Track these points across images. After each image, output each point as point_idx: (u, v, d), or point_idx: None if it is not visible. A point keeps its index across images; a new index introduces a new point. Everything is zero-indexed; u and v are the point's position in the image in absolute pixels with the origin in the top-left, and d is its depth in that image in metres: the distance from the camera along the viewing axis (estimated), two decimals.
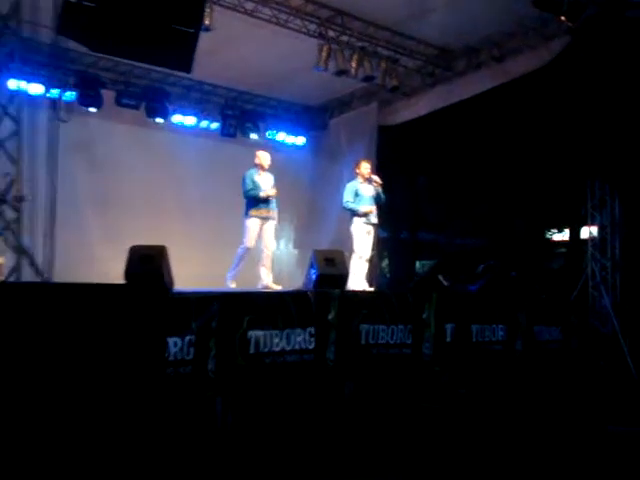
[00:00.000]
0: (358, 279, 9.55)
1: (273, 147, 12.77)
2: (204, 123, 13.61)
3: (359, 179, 9.82)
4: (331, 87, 13.01)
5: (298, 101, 14.38)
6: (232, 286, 9.36)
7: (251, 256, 9.66)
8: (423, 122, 13.72)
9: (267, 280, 9.57)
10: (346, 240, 9.91)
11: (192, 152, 12.93)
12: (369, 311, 7.99)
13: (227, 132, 13.74)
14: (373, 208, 9.67)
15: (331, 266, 8.04)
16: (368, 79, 11.78)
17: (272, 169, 9.98)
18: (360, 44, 11.46)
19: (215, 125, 13.74)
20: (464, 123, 14.68)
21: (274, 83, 12.91)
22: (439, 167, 15.60)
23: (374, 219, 9.78)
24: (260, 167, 9.78)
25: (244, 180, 9.65)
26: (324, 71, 11.23)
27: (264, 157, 9.86)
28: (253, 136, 13.81)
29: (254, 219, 9.56)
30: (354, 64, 11.37)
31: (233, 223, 10.28)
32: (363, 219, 9.66)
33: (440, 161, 15.45)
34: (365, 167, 9.88)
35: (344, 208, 9.73)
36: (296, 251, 14.14)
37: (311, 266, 8.12)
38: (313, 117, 14.81)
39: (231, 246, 9.91)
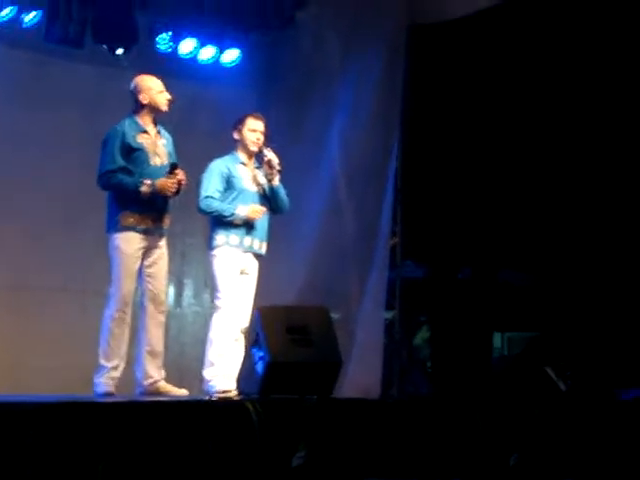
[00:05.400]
0: (222, 372, 5.73)
1: (169, 72, 7.13)
2: (6, 12, 6.65)
3: (239, 153, 6.11)
4: None
5: None
6: (103, 391, 5.49)
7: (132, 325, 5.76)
8: (510, 14, 6.72)
9: (155, 375, 5.67)
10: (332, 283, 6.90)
11: None
12: (384, 450, 5.07)
13: (60, 35, 6.88)
14: (262, 211, 5.98)
15: (301, 343, 5.24)
16: None
17: (170, 123, 6.12)
18: None
19: (31, 18, 6.83)
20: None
21: None
22: (545, 119, 7.82)
23: (260, 244, 5.98)
24: (147, 112, 5.70)
25: (104, 145, 5.56)
26: None
27: (152, 86, 5.72)
28: (119, 51, 7.17)
29: (130, 235, 5.53)
30: None
31: (79, 244, 6.75)
32: (237, 239, 5.87)
33: (547, 105, 7.76)
34: (254, 128, 6.07)
35: (200, 211, 6.01)
36: None
37: (254, 343, 5.21)
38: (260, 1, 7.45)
39: (80, 296, 6.73)
